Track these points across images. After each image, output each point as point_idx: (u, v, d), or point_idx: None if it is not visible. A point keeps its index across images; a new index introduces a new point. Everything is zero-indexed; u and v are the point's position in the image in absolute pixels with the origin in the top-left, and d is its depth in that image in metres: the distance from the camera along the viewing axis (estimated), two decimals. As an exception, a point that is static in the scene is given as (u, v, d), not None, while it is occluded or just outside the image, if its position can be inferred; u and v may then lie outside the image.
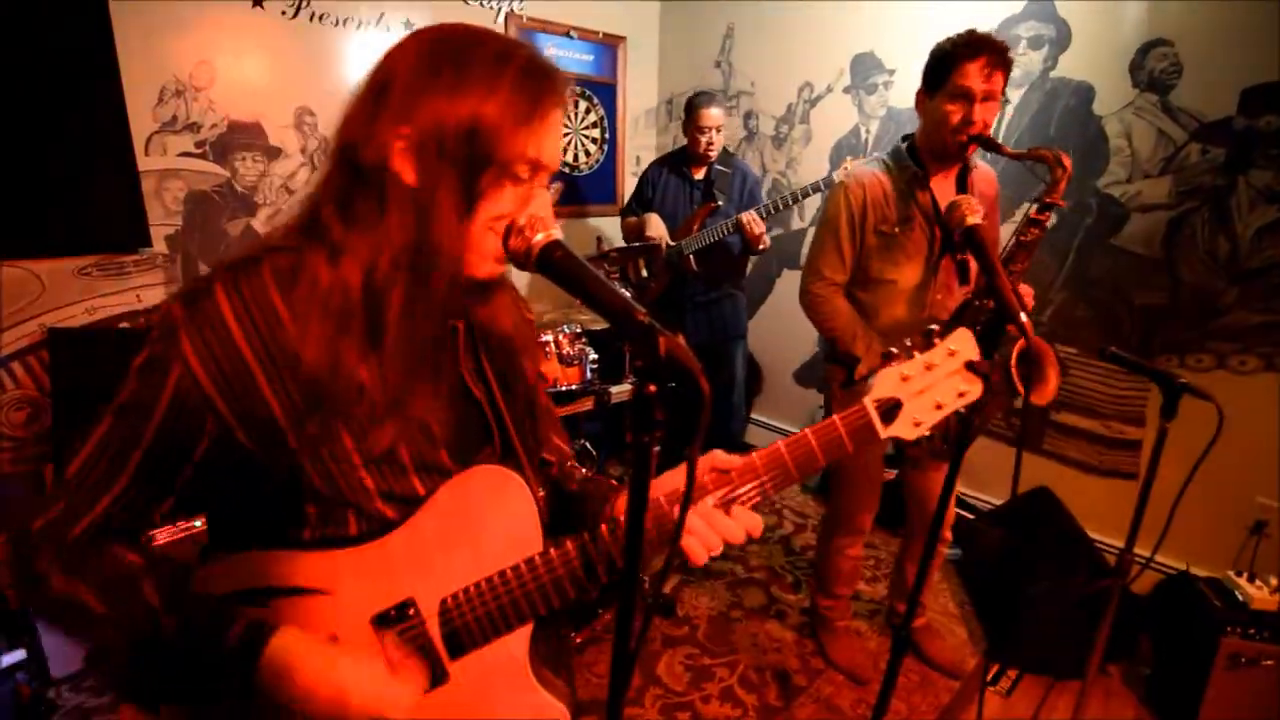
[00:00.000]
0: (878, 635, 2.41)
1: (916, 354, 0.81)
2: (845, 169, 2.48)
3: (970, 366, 0.80)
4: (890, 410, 0.80)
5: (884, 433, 0.79)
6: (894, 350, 0.81)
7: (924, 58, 1.73)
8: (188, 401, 0.65)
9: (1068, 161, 1.54)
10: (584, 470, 1.01)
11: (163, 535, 1.89)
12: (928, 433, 0.81)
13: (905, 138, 1.86)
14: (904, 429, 0.80)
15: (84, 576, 0.67)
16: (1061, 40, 2.52)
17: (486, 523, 0.75)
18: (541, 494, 0.83)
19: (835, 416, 0.79)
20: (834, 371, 2.02)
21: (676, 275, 2.98)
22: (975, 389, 0.81)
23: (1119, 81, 2.40)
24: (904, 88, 3.00)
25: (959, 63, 1.61)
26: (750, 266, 3.29)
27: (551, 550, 0.76)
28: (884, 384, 0.81)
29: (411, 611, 0.73)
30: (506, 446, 0.82)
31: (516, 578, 0.75)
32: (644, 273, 3.08)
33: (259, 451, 0.68)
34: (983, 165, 1.88)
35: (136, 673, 0.70)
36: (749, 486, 0.78)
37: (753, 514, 0.78)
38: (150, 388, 0.66)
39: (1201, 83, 2.23)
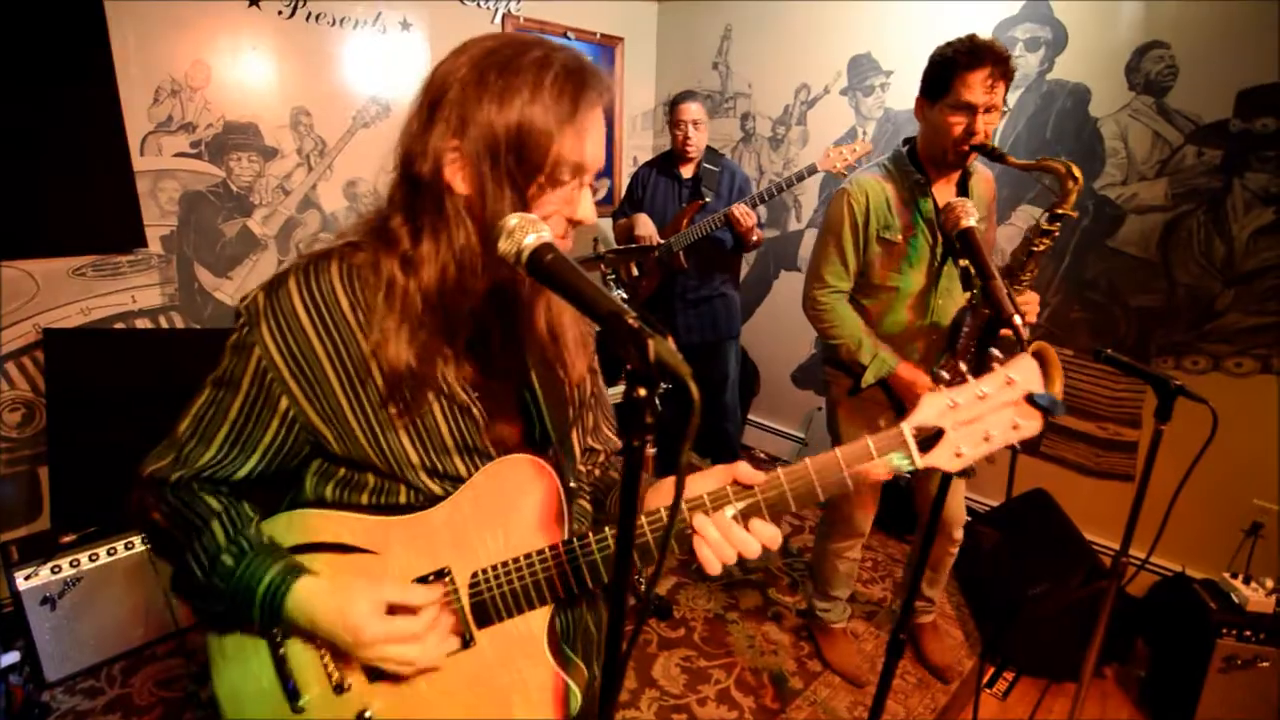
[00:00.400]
0: (874, 637, 2.41)
1: (970, 380, 0.75)
2: (829, 156, 2.54)
3: (1032, 399, 0.74)
4: (931, 438, 0.76)
5: (921, 462, 0.75)
6: (944, 373, 0.76)
7: (921, 59, 1.72)
8: (265, 379, 0.76)
9: (1079, 173, 1.52)
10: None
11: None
12: (970, 465, 0.76)
13: (906, 141, 1.85)
14: (944, 459, 0.76)
15: (175, 516, 0.79)
16: (1058, 42, 2.52)
17: (517, 507, 0.80)
18: (574, 484, 0.88)
19: (868, 439, 0.75)
20: (835, 376, 2.01)
21: (667, 273, 2.99)
22: (1034, 424, 0.75)
23: (1115, 83, 2.40)
24: (901, 89, 3.00)
25: (961, 73, 1.58)
26: (746, 269, 3.29)
27: (574, 540, 0.80)
28: (928, 409, 0.76)
29: (447, 580, 0.80)
30: (544, 435, 0.86)
31: (540, 562, 0.80)
32: (635, 272, 3.09)
33: (328, 429, 0.77)
34: (981, 168, 1.87)
35: (205, 596, 0.80)
36: (771, 500, 0.77)
37: (771, 526, 0.77)
38: (237, 364, 0.77)
39: (1197, 85, 2.23)
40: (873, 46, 3.07)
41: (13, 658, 1.98)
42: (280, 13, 2.60)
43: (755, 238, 2.78)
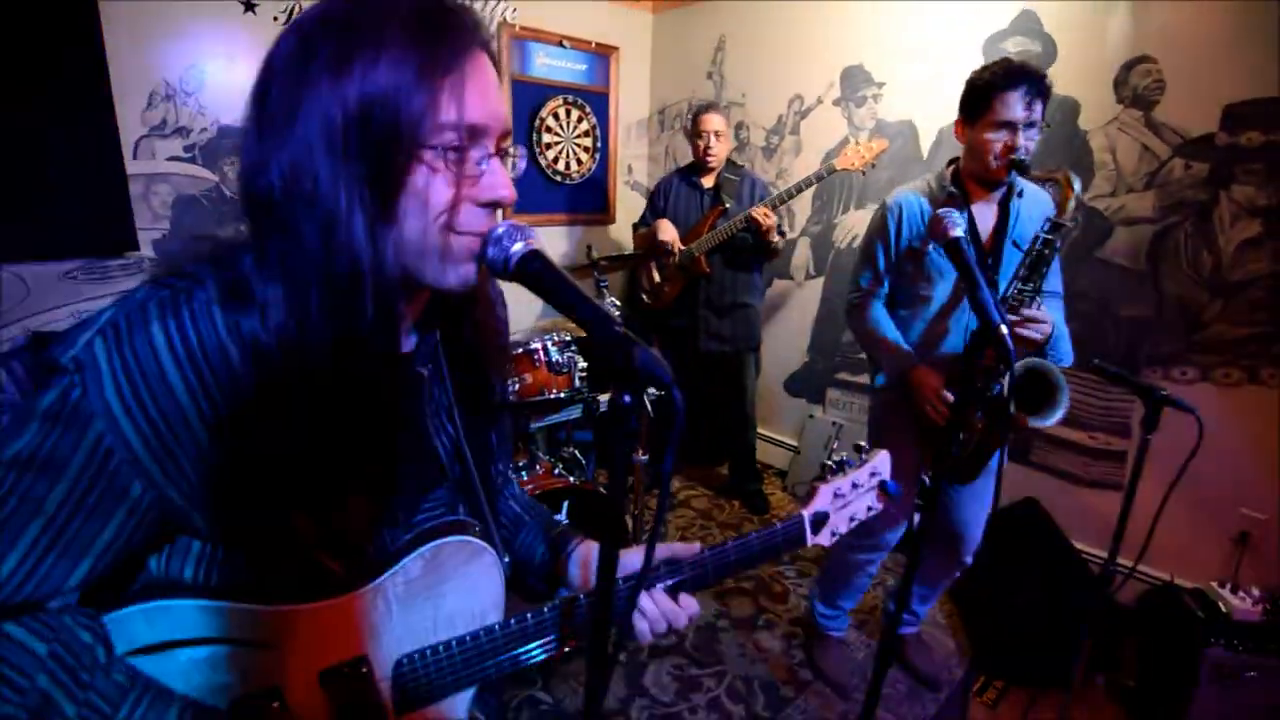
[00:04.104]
0: (866, 647, 2.40)
1: (847, 471, 0.98)
2: (847, 155, 2.65)
3: (882, 485, 1.00)
4: (820, 521, 0.96)
5: (811, 541, 0.95)
6: (830, 464, 1.00)
7: (912, 71, 1.76)
8: (108, 464, 0.55)
9: (1074, 181, 1.57)
10: (518, 486, 1.01)
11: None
12: (834, 542, 0.98)
13: (951, 161, 1.90)
14: (823, 538, 0.97)
15: None
16: (1047, 56, 2.55)
17: (452, 590, 0.75)
18: (508, 559, 0.83)
19: (778, 525, 0.93)
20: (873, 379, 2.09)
21: (690, 279, 3.05)
22: (880, 504, 1.02)
23: (1103, 97, 2.43)
24: (892, 100, 3.03)
25: (999, 92, 1.64)
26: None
27: (512, 622, 0.77)
28: (822, 498, 0.96)
29: (364, 669, 0.70)
30: (469, 494, 0.79)
31: (475, 645, 0.75)
32: (656, 278, 3.14)
33: (199, 512, 0.59)
34: (1033, 188, 1.86)
35: None
36: (696, 578, 0.86)
37: (693, 600, 0.86)
38: (59, 442, 0.54)
39: (1184, 99, 2.26)
40: (865, 58, 3.10)
41: None
42: (275, 18, 2.61)
43: (775, 239, 2.84)
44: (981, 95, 1.69)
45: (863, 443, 1.02)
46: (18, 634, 0.56)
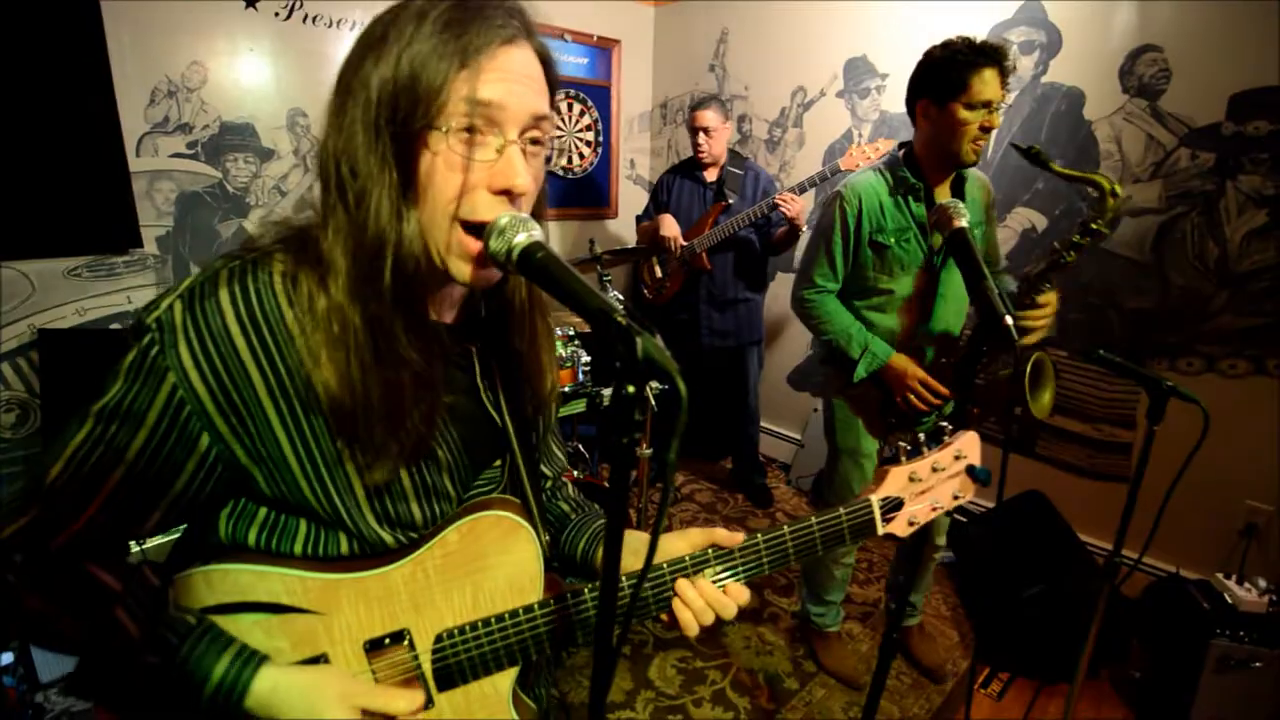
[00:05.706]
0: (870, 639, 2.41)
1: (926, 453, 0.85)
2: (851, 155, 2.60)
3: (970, 470, 0.86)
4: (892, 508, 0.84)
5: (881, 530, 0.84)
6: (904, 444, 0.86)
7: (916, 62, 1.73)
8: (180, 415, 0.61)
9: (1121, 190, 1.49)
10: (574, 487, 1.01)
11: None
12: (911, 532, 0.86)
13: (902, 145, 1.84)
14: (899, 527, 0.85)
15: (59, 599, 0.63)
16: (1052, 46, 2.53)
17: (490, 566, 0.76)
18: (548, 538, 0.83)
19: (841, 510, 0.83)
20: (831, 374, 2.02)
21: (691, 275, 3.03)
22: (969, 493, 0.87)
23: (1109, 87, 2.41)
24: (896, 92, 3.01)
25: (978, 71, 1.58)
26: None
27: (552, 603, 0.77)
28: (893, 482, 0.84)
29: (406, 643, 0.73)
30: (513, 473, 0.81)
31: (514, 624, 0.76)
32: (659, 273, 3.12)
33: (259, 469, 0.65)
34: (975, 171, 1.85)
35: (122, 695, 0.67)
36: (749, 567, 0.82)
37: (743, 588, 0.81)
38: (140, 393, 0.60)
39: (1190, 88, 2.24)
40: (868, 49, 3.08)
41: (6, 659, 1.97)
42: (277, 14, 2.61)
43: (799, 224, 2.79)
44: (957, 73, 1.61)
45: (947, 424, 0.88)
46: (97, 572, 0.64)
